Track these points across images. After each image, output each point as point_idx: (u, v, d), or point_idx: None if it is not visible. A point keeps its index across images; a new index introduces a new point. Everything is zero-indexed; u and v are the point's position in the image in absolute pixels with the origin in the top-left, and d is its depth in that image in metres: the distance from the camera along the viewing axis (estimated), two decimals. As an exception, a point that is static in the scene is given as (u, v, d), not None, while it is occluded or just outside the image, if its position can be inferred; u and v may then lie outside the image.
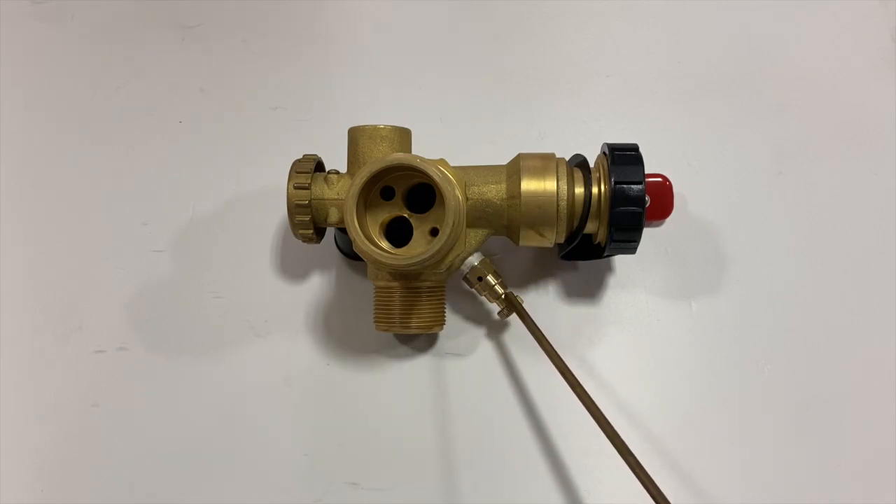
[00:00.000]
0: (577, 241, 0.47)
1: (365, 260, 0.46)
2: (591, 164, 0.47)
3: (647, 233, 0.49)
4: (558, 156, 0.47)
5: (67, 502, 0.49)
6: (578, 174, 0.46)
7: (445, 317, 0.49)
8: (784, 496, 0.48)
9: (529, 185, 0.45)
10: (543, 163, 0.46)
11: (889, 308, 0.52)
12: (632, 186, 0.44)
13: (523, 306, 0.47)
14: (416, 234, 0.45)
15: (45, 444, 0.51)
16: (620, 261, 0.53)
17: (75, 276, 0.54)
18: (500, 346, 0.52)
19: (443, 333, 0.52)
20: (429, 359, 0.52)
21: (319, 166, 0.49)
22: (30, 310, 0.54)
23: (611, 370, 0.51)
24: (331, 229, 0.52)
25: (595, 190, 0.45)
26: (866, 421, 0.49)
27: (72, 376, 0.52)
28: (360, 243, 0.43)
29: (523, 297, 0.48)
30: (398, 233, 0.46)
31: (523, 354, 0.51)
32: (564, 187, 0.45)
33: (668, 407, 0.50)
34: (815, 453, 0.49)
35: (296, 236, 0.48)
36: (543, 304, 0.52)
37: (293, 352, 0.52)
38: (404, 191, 0.45)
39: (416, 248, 0.44)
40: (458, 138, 0.56)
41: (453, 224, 0.42)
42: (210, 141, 0.57)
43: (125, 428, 0.51)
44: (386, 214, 0.45)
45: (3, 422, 0.51)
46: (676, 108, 0.57)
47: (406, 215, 0.45)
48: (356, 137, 0.47)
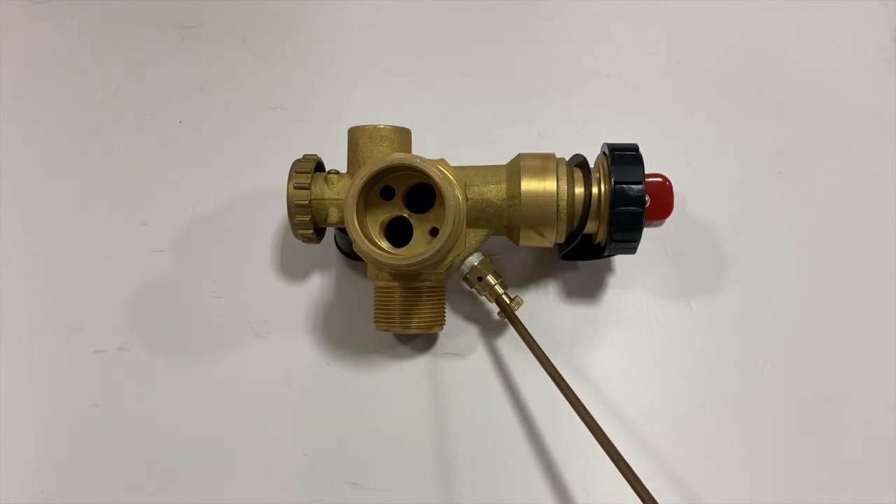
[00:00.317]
0: (577, 241, 0.47)
1: (365, 260, 0.46)
2: (591, 164, 0.47)
3: (647, 233, 0.49)
4: (558, 156, 0.47)
5: (67, 502, 0.49)
6: (578, 174, 0.46)
7: (445, 317, 0.49)
8: (784, 496, 0.48)
9: (529, 185, 0.45)
10: (543, 163, 0.46)
11: (889, 308, 0.52)
12: (632, 186, 0.44)
13: (515, 313, 0.47)
14: (416, 234, 0.45)
15: (45, 444, 0.51)
16: (620, 261, 0.53)
17: (75, 276, 0.54)
18: (500, 346, 0.52)
19: (443, 333, 0.52)
20: (429, 359, 0.52)
21: (319, 166, 0.49)
22: (30, 310, 0.54)
23: (611, 370, 0.51)
24: (331, 229, 0.52)
25: (595, 190, 0.45)
26: (866, 421, 0.49)
27: (72, 376, 0.52)
28: (360, 243, 0.43)
29: (523, 297, 0.48)
30: (398, 233, 0.46)
31: (523, 354, 0.51)
32: (564, 187, 0.45)
33: (668, 407, 0.50)
34: (815, 453, 0.49)
35: (296, 236, 0.48)
36: (543, 304, 0.52)
37: (293, 352, 0.52)
38: (404, 191, 0.45)
39: (416, 248, 0.44)
40: (458, 138, 0.56)
41: (453, 224, 0.42)
42: (210, 141, 0.57)
43: (125, 428, 0.51)
44: (386, 214, 0.45)
45: (3, 422, 0.51)
46: (676, 108, 0.57)
47: (406, 215, 0.45)
48: (356, 137, 0.47)
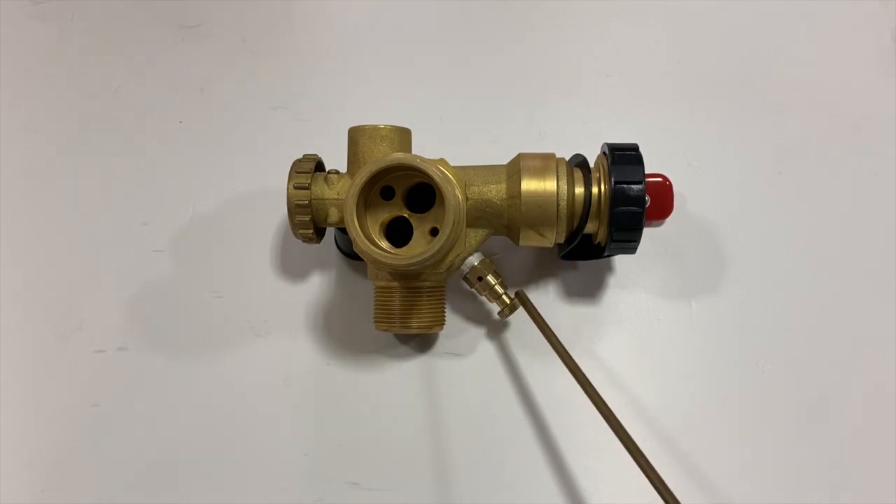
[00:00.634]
0: (577, 241, 0.47)
1: (365, 260, 0.46)
2: (591, 164, 0.47)
3: (647, 233, 0.49)
4: (558, 156, 0.47)
5: (67, 502, 0.49)
6: (578, 174, 0.46)
7: (445, 317, 0.49)
8: (784, 496, 0.48)
9: (529, 184, 0.45)
10: (543, 163, 0.46)
11: (889, 308, 0.52)
12: (632, 186, 0.44)
13: (532, 304, 0.47)
14: (416, 234, 0.45)
15: (45, 444, 0.51)
16: (620, 261, 0.53)
17: (75, 276, 0.54)
18: (500, 346, 0.52)
19: (443, 333, 0.52)
20: (429, 359, 0.52)
21: (319, 166, 0.49)
22: (30, 310, 0.54)
23: (611, 370, 0.51)
24: (331, 229, 0.52)
25: (595, 190, 0.45)
26: (866, 421, 0.49)
27: (72, 376, 0.52)
28: (360, 243, 0.43)
29: (523, 297, 0.49)
30: (398, 233, 0.46)
31: (523, 354, 0.51)
32: (564, 187, 0.45)
33: (667, 407, 0.50)
34: (815, 453, 0.49)
35: (296, 236, 0.48)
36: (543, 304, 0.52)
37: (293, 352, 0.52)
38: (404, 191, 0.45)
39: (416, 248, 0.44)
40: (458, 138, 0.56)
41: (453, 224, 0.42)
42: (210, 141, 0.57)
43: (125, 428, 0.51)
44: (386, 214, 0.45)
45: (3, 422, 0.51)
46: (676, 108, 0.57)
47: (406, 215, 0.45)
48: (356, 137, 0.47)
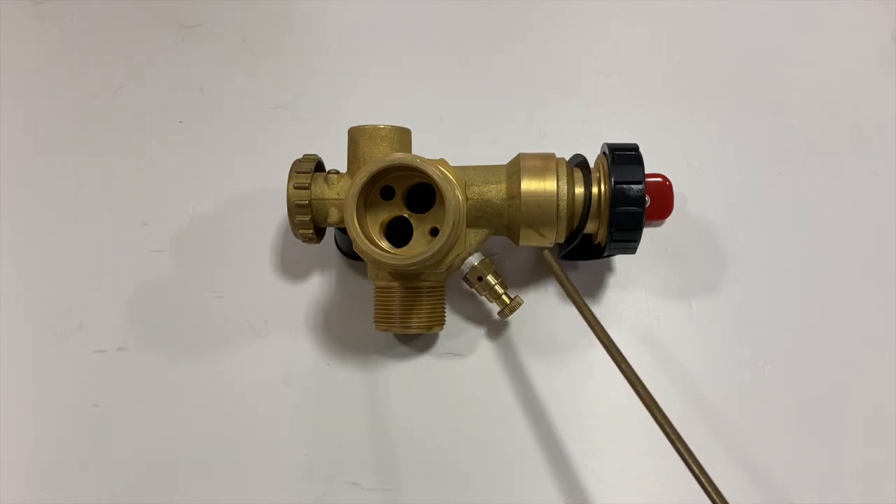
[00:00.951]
0: (577, 241, 0.47)
1: (365, 260, 0.46)
2: (591, 164, 0.47)
3: (647, 233, 0.49)
4: (558, 156, 0.47)
5: (67, 502, 0.49)
6: (578, 174, 0.46)
7: (445, 317, 0.49)
8: (784, 496, 0.48)
9: (529, 185, 0.45)
10: (543, 163, 0.46)
11: (889, 308, 0.52)
12: (632, 186, 0.44)
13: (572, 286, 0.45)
14: (416, 234, 0.45)
15: (45, 444, 0.51)
16: (620, 261, 0.53)
17: (75, 276, 0.54)
18: (500, 346, 0.52)
19: (443, 333, 0.52)
20: (429, 359, 0.52)
21: (319, 166, 0.49)
22: (30, 310, 0.54)
23: (610, 370, 0.51)
24: (331, 229, 0.52)
25: (595, 190, 0.45)
26: (866, 421, 0.49)
27: (72, 376, 0.52)
28: (360, 243, 0.43)
29: (523, 297, 0.48)
30: (398, 233, 0.46)
31: (523, 354, 0.51)
32: (564, 187, 0.45)
33: (667, 407, 0.50)
34: (815, 453, 0.49)
35: (296, 236, 0.48)
36: (543, 304, 0.52)
37: (293, 352, 0.52)
38: (404, 191, 0.45)
39: (416, 248, 0.44)
40: (458, 138, 0.56)
41: (453, 224, 0.42)
42: (210, 141, 0.57)
43: (125, 428, 0.51)
44: (386, 214, 0.45)
45: (3, 422, 0.51)
46: (676, 108, 0.57)
47: (406, 215, 0.45)
48: (356, 137, 0.47)
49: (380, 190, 0.45)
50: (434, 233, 0.45)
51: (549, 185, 0.45)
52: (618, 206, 0.44)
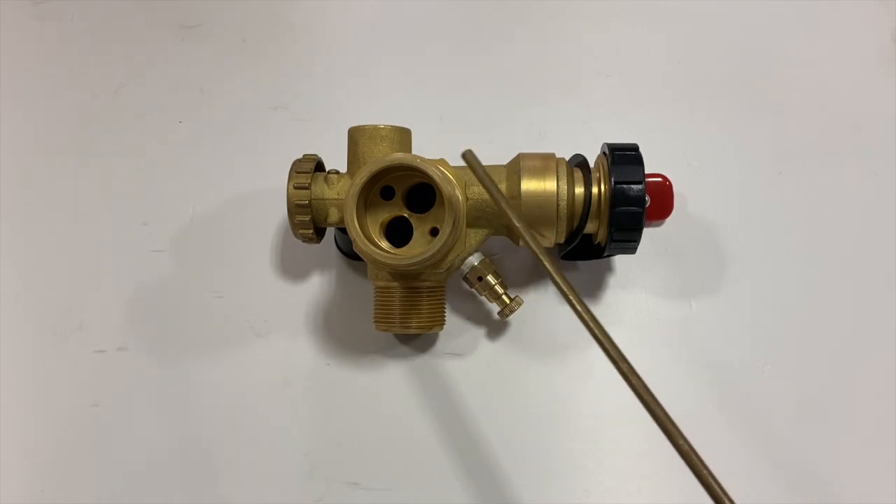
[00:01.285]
0: (577, 241, 0.47)
1: (365, 260, 0.46)
2: (591, 164, 0.47)
3: (647, 233, 0.49)
4: (558, 156, 0.47)
5: (67, 502, 0.49)
6: (578, 174, 0.46)
7: (445, 317, 0.49)
8: (784, 496, 0.48)
9: (529, 185, 0.45)
10: (543, 163, 0.46)
11: (889, 308, 0.52)
12: (632, 186, 0.44)
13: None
14: (416, 234, 0.45)
15: (45, 444, 0.51)
16: (620, 261, 0.53)
17: (75, 276, 0.54)
18: (500, 346, 0.52)
19: (443, 333, 0.52)
20: (429, 359, 0.52)
21: (319, 166, 0.49)
22: (30, 310, 0.54)
23: (610, 370, 0.51)
24: (331, 229, 0.52)
25: (595, 190, 0.45)
26: (866, 421, 0.49)
27: (72, 376, 0.52)
28: (360, 243, 0.43)
29: (523, 297, 0.48)
30: (398, 233, 0.46)
31: (523, 354, 0.51)
32: (564, 187, 0.45)
33: (667, 407, 0.50)
34: (815, 453, 0.49)
35: (296, 236, 0.48)
36: (543, 304, 0.52)
37: (293, 352, 0.52)
38: (404, 191, 0.45)
39: (416, 248, 0.44)
40: (458, 138, 0.56)
41: (453, 224, 0.42)
42: (210, 141, 0.57)
43: (125, 428, 0.51)
44: (386, 214, 0.45)
45: (4, 422, 0.51)
46: (676, 108, 0.57)
47: (406, 215, 0.45)
48: (356, 137, 0.47)
49: (380, 190, 0.45)
50: (434, 233, 0.45)
51: (549, 185, 0.45)
52: (618, 206, 0.44)
